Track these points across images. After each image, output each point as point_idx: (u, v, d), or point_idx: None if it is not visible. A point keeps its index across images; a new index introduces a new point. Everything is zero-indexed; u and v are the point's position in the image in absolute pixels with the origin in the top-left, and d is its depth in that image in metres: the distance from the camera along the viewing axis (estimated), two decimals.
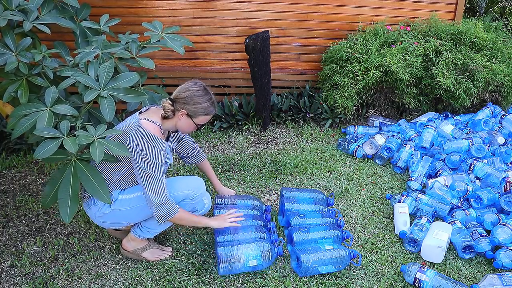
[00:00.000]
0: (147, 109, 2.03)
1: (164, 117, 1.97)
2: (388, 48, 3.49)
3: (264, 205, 2.49)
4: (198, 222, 2.07)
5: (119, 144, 1.75)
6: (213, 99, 2.02)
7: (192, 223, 2.06)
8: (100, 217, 2.02)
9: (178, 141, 2.29)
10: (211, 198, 2.36)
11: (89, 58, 1.93)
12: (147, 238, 2.16)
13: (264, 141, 3.44)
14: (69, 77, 1.86)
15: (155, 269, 2.10)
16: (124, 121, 1.98)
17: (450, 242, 2.28)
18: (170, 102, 1.96)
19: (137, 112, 2.01)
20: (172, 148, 2.20)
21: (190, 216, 2.03)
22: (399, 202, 2.55)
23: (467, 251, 2.19)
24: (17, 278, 2.05)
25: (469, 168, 2.82)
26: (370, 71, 3.38)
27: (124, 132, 1.89)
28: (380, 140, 3.21)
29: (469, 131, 3.31)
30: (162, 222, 1.94)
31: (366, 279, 2.07)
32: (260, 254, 2.02)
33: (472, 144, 3.05)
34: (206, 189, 2.19)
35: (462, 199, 2.60)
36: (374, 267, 2.15)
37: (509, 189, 2.57)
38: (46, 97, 1.79)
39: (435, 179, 2.76)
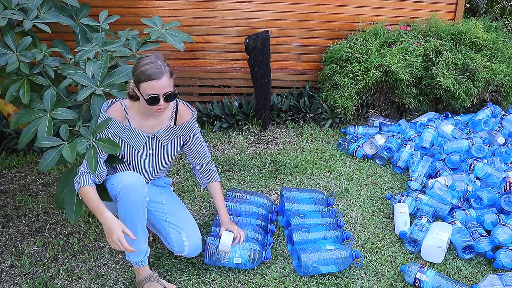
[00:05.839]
0: None
1: (132, 98, 1.84)
2: (388, 48, 3.49)
3: (274, 205, 2.50)
4: (96, 210, 1.71)
5: (110, 141, 1.74)
6: (159, 62, 1.70)
7: (91, 207, 1.73)
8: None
9: (185, 142, 2.04)
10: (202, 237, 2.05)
11: (89, 55, 1.93)
12: (145, 267, 1.93)
13: (264, 141, 3.44)
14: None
15: (155, 269, 2.09)
16: None
17: (450, 242, 2.28)
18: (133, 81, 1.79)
19: None
20: (160, 139, 1.92)
21: (94, 199, 1.72)
22: (399, 202, 2.55)
23: (467, 251, 2.19)
24: (17, 278, 2.04)
25: (469, 168, 2.82)
26: (370, 71, 3.37)
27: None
28: (380, 140, 3.21)
29: (469, 131, 3.31)
30: (76, 191, 1.75)
31: (366, 279, 2.07)
32: (246, 254, 2.02)
33: (472, 144, 3.04)
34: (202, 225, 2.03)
35: (462, 199, 2.60)
36: (374, 267, 2.15)
37: (509, 189, 2.57)
38: (45, 101, 1.82)
39: (435, 179, 2.76)
